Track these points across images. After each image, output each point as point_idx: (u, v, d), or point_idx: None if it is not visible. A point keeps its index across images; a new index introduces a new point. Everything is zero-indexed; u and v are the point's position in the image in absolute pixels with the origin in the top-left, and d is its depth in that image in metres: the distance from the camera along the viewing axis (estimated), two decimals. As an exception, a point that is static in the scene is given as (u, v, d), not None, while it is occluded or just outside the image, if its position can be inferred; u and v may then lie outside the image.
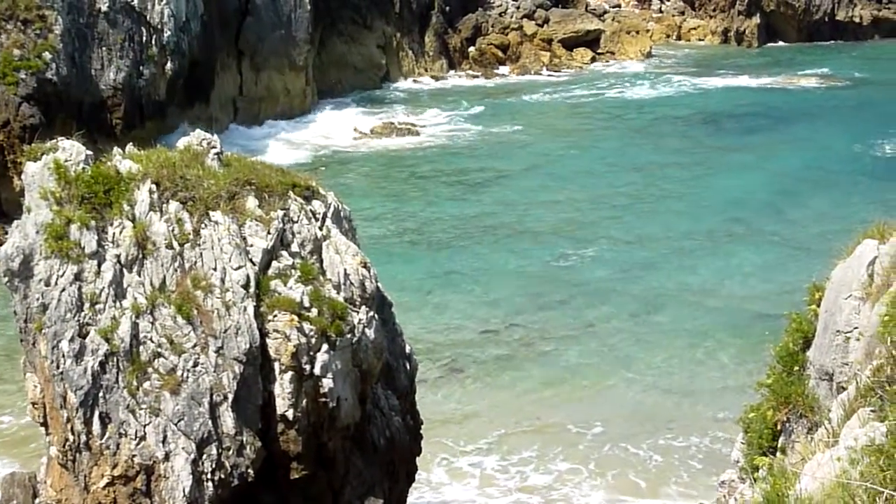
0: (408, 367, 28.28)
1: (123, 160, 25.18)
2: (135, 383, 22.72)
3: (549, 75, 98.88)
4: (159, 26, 65.19)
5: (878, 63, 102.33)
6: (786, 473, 10.87)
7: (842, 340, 14.43)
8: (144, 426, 22.57)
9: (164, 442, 22.55)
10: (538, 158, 69.95)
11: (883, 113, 79.93)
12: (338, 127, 77.68)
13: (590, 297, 46.26)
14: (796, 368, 15.92)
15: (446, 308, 45.22)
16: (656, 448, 34.12)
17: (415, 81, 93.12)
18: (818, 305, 15.96)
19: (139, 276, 23.63)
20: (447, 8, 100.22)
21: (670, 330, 42.85)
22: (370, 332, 25.15)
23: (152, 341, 23.07)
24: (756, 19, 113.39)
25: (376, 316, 25.77)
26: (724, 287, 47.08)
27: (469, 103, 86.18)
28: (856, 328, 14.27)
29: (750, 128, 76.97)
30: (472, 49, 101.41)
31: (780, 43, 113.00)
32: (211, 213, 24.32)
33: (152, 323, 23.20)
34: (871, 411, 9.21)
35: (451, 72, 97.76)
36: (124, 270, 23.57)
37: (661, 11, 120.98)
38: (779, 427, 15.47)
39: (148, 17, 64.51)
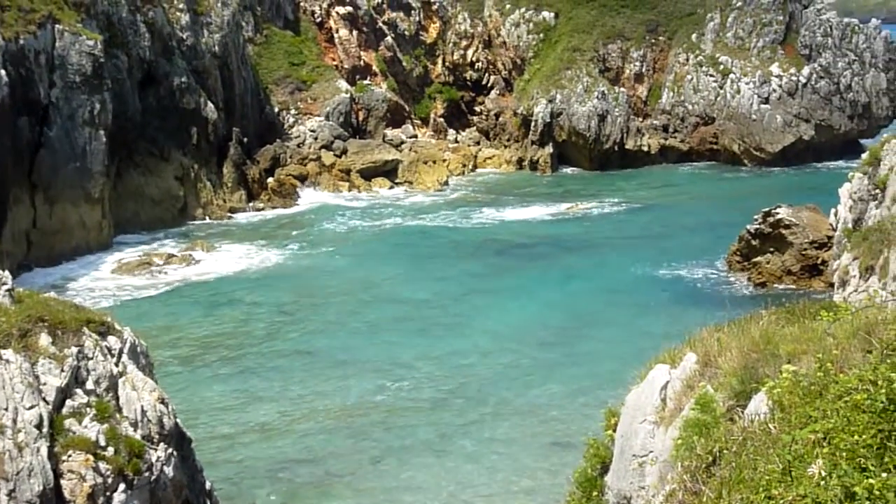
0: None
1: None
2: (-79, 531, 21.82)
3: (348, 204, 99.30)
4: (-51, 160, 63.79)
5: (666, 188, 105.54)
6: None
7: (637, 465, 14.63)
8: (-68, 576, 21.66)
9: (-48, 591, 21.65)
10: (340, 286, 69.98)
11: (670, 237, 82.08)
12: (135, 260, 76.55)
13: (390, 429, 45.95)
14: (595, 493, 16.06)
15: (252, 441, 44.44)
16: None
17: (213, 213, 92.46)
18: (614, 430, 16.18)
19: (-74, 418, 22.82)
20: (245, 139, 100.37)
21: (470, 456, 42.76)
22: (169, 470, 24.67)
23: (-60, 486, 22.23)
24: (549, 149, 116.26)
25: (175, 453, 25.31)
26: (521, 414, 47.05)
27: (268, 232, 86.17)
28: (651, 452, 14.49)
29: (542, 256, 78.14)
30: (270, 180, 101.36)
31: (573, 171, 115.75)
32: (2, 351, 23.68)
33: (-60, 467, 22.37)
34: (666, 537, 9.34)
35: (251, 203, 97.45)
36: (-90, 413, 22.74)
37: (457, 141, 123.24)
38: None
39: (-63, 151, 63.13)
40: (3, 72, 70.25)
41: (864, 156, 51.44)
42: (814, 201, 70.20)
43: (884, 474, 5.61)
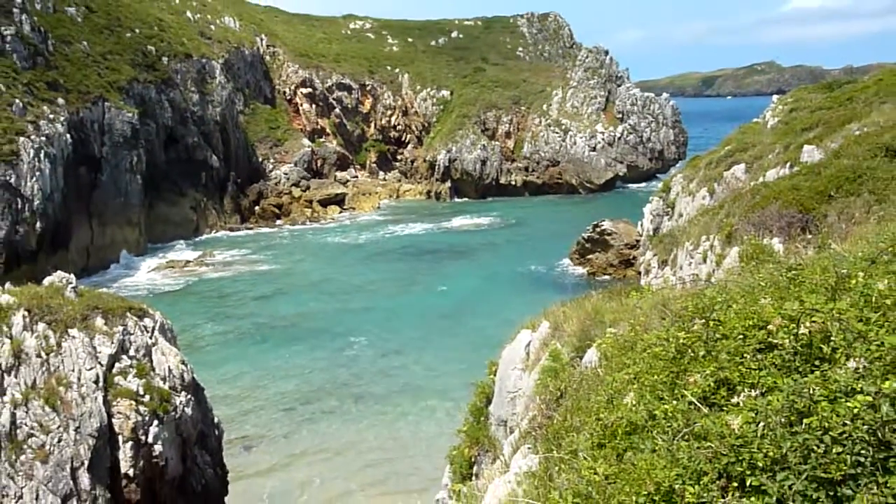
0: (216, 433, 27.41)
1: (3, 294, 23.90)
2: (14, 457, 21.29)
3: (311, 225, 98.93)
4: (31, 197, 62.48)
5: (526, 209, 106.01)
6: (475, 493, 10.90)
7: (510, 399, 14.62)
8: (21, 488, 21.13)
9: (36, 500, 21.13)
10: (306, 280, 69.55)
11: (530, 243, 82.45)
12: (163, 265, 75.37)
13: (356, 380, 45.43)
14: (482, 419, 16.02)
15: (249, 391, 43.65)
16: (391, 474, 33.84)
17: (216, 232, 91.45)
18: (495, 375, 16.15)
19: (16, 378, 22.29)
20: (238, 179, 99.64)
21: (399, 401, 42.62)
22: (188, 410, 24.33)
23: (27, 425, 21.72)
24: (448, 184, 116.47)
25: (192, 398, 24.96)
26: (436, 366, 46.95)
27: (257, 245, 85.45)
28: (519, 390, 14.46)
29: (442, 257, 78.20)
30: (257, 208, 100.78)
31: (465, 200, 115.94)
32: (69, 330, 23.24)
33: (27, 412, 21.87)
34: (528, 448, 9.32)
35: (243, 224, 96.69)
36: (5, 375, 22.21)
37: (385, 179, 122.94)
38: (472, 460, 15.51)
39: (22, 191, 61.73)
40: (68, 135, 69.05)
41: (659, 185, 52.09)
42: (626, 217, 70.80)
43: (674, 402, 5.65)
